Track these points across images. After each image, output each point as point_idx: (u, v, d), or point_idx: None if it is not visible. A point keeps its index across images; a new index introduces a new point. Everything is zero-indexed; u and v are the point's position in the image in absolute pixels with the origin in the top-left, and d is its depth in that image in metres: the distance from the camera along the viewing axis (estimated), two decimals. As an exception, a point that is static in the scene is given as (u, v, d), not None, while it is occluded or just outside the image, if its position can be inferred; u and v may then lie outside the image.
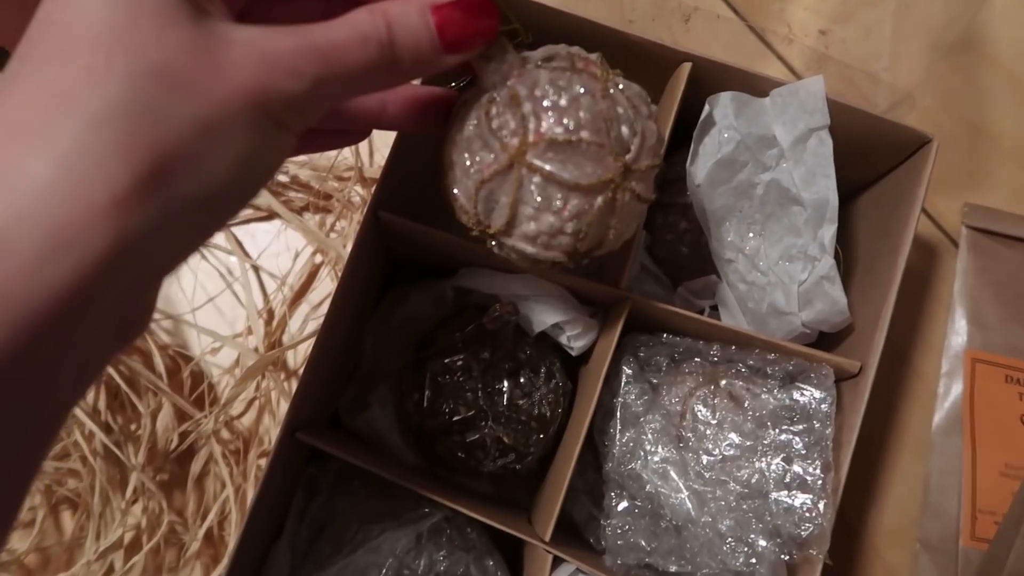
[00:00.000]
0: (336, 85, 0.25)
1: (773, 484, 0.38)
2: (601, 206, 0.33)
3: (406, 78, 0.28)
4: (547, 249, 0.34)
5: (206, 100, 0.22)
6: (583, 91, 0.32)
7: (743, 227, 0.44)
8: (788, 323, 0.43)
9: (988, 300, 0.52)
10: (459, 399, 0.44)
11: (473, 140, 0.32)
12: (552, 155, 0.31)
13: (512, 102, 0.32)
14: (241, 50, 0.23)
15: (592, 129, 0.31)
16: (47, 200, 0.19)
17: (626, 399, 0.41)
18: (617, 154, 0.32)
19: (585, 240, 0.33)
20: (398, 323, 0.49)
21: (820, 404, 0.39)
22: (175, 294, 0.54)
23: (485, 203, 0.33)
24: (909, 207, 0.42)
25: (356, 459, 0.41)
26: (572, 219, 0.32)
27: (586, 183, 0.32)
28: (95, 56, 0.20)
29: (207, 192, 0.22)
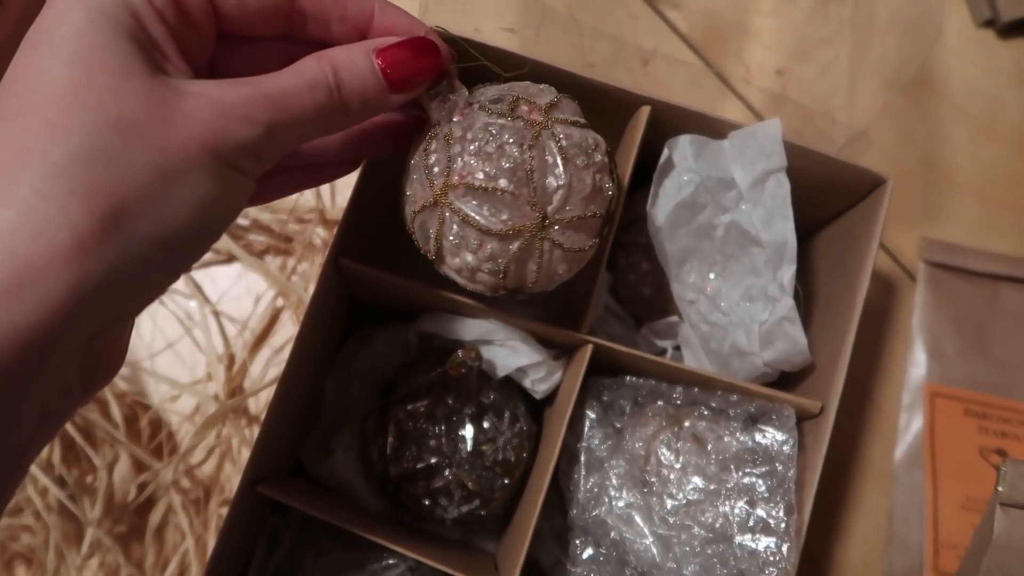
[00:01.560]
0: (288, 130, 0.26)
1: (737, 528, 0.38)
2: (516, 252, 0.34)
3: (355, 119, 0.29)
4: (472, 282, 0.35)
5: (162, 148, 0.23)
6: (511, 140, 0.32)
7: (704, 268, 0.45)
8: (750, 363, 0.43)
9: (947, 334, 0.53)
10: (423, 446, 0.44)
11: (413, 171, 0.34)
12: (470, 199, 0.33)
13: (446, 141, 0.33)
14: (195, 101, 0.24)
15: (510, 179, 0.32)
16: (9, 243, 0.20)
17: (590, 443, 0.41)
18: (534, 204, 0.33)
19: (508, 280, 0.35)
20: (361, 368, 0.48)
21: (782, 446, 0.39)
22: (133, 341, 0.53)
23: (421, 231, 0.35)
24: (866, 247, 0.43)
25: (318, 511, 0.40)
26: (488, 260, 0.34)
27: (497, 230, 0.33)
28: (55, 112, 0.22)
29: (167, 234, 0.23)
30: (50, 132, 0.21)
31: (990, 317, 0.53)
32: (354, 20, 0.30)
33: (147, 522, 0.49)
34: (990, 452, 0.50)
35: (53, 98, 0.22)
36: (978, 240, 0.56)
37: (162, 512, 0.48)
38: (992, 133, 0.59)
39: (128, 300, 0.24)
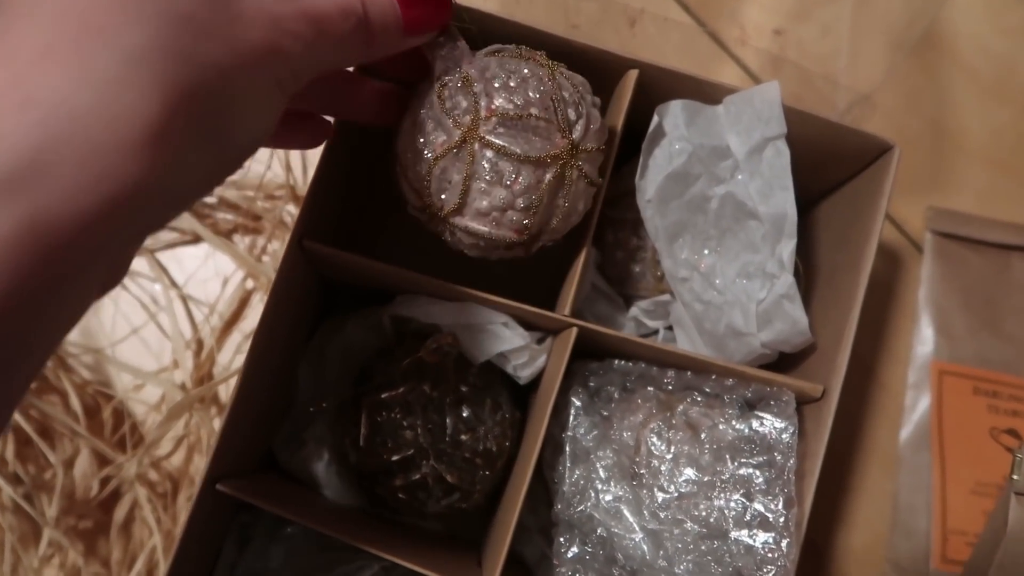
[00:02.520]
0: (324, 51, 0.27)
1: (732, 523, 0.35)
2: (551, 181, 0.34)
3: (375, 55, 0.30)
4: (498, 227, 0.35)
5: (229, 51, 0.23)
6: (530, 73, 0.35)
7: (698, 244, 0.42)
8: (747, 344, 0.41)
9: (955, 308, 0.50)
10: (398, 437, 0.41)
11: (426, 123, 0.34)
12: (503, 130, 0.34)
13: (464, 84, 0.34)
14: (253, 9, 0.24)
15: (540, 106, 0.34)
16: (86, 127, 0.19)
17: (575, 433, 0.38)
18: (564, 132, 0.34)
19: (536, 217, 0.35)
20: (334, 354, 0.45)
21: (781, 434, 0.36)
22: (94, 326, 0.50)
23: (438, 183, 0.35)
24: (871, 219, 0.40)
25: (287, 511, 0.37)
26: (523, 193, 0.34)
27: (536, 156, 0.34)
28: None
29: (222, 141, 0.23)
30: (124, 14, 0.21)
31: (1001, 290, 0.50)
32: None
33: (112, 518, 0.46)
34: (1001, 433, 0.48)
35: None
36: (988, 209, 0.53)
37: (127, 507, 0.46)
38: (1003, 96, 0.56)
39: (172, 204, 0.23)
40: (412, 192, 0.36)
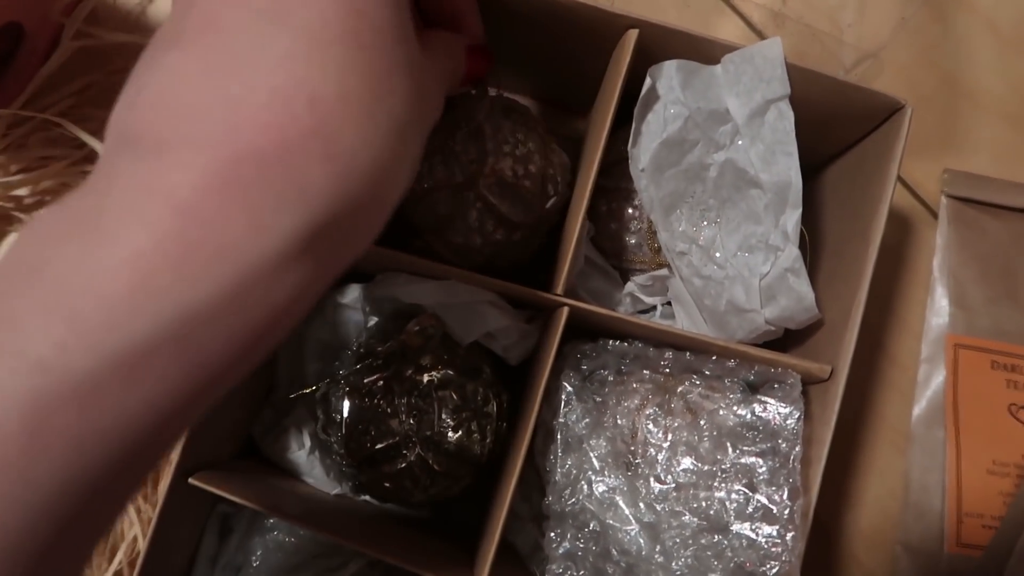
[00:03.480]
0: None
1: (734, 515, 0.33)
2: (518, 240, 0.39)
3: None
4: (463, 258, 0.39)
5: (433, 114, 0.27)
6: (534, 149, 0.38)
7: (696, 215, 0.39)
8: (750, 321, 0.38)
9: (972, 278, 0.47)
10: (382, 425, 0.39)
11: (435, 154, 0.37)
12: (498, 190, 0.37)
13: (478, 135, 0.37)
14: (433, 83, 0.27)
15: (532, 181, 0.38)
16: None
17: (567, 420, 0.36)
18: (541, 206, 0.39)
19: (499, 262, 0.39)
20: (314, 336, 0.43)
21: (786, 420, 0.34)
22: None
23: (426, 208, 0.37)
24: (881, 184, 0.37)
25: (263, 506, 0.35)
26: (492, 244, 0.38)
27: (516, 220, 0.38)
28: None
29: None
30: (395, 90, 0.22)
31: (1020, 258, 0.47)
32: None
33: (91, 509, 0.44)
34: (1020, 409, 0.45)
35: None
36: (1007, 171, 0.50)
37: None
38: (1023, 49, 0.52)
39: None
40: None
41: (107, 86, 0.49)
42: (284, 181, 0.19)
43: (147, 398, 0.18)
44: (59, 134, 0.47)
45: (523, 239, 0.39)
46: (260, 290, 0.19)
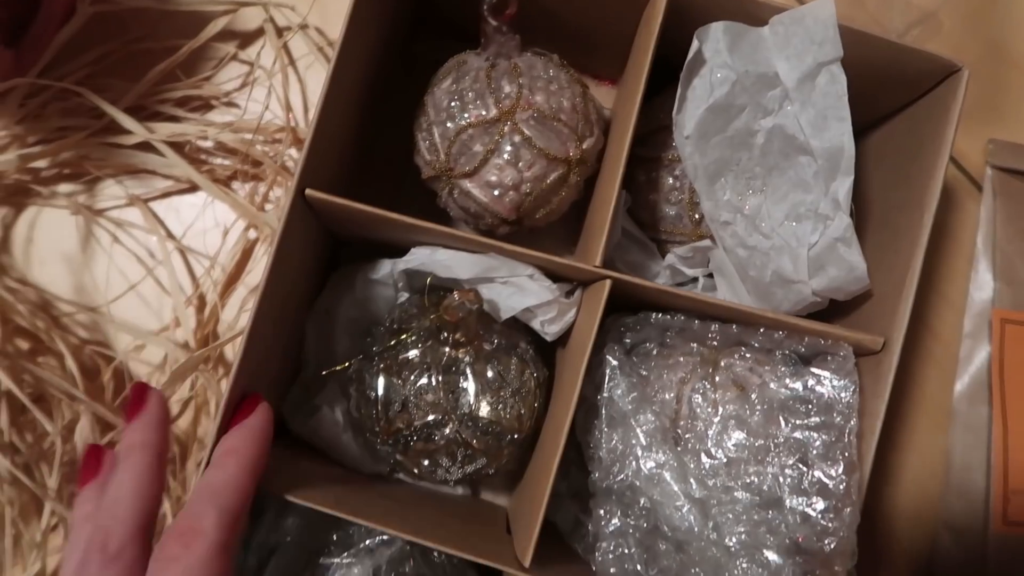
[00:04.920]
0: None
1: (788, 490, 0.32)
2: (555, 179, 0.38)
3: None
4: (497, 201, 0.38)
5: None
6: (567, 86, 0.39)
7: (741, 183, 0.38)
8: (796, 292, 0.37)
9: (1019, 251, 0.46)
10: (418, 401, 0.38)
11: (467, 92, 0.38)
12: (534, 123, 0.37)
13: (513, 72, 0.38)
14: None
15: (568, 115, 0.38)
16: None
17: (612, 395, 0.35)
18: (578, 143, 0.38)
19: (530, 204, 0.39)
20: (344, 313, 0.42)
21: (840, 393, 0.33)
22: (88, 283, 0.47)
23: (460, 147, 0.38)
24: (934, 151, 0.36)
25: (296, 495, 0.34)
26: (531, 180, 0.38)
27: (552, 154, 0.38)
28: None
29: None
30: None
31: (1068, 230, 0.46)
32: None
33: (117, 487, 0.43)
34: (1068, 385, 0.44)
35: None
36: (1054, 141, 0.49)
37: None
38: (1070, 16, 0.51)
39: None
40: (430, 146, 0.39)
41: (124, 55, 0.47)
42: None
43: None
44: (77, 104, 0.46)
45: (559, 180, 0.38)
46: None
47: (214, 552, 0.28)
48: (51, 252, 0.47)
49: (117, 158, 0.46)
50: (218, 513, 0.29)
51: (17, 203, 0.47)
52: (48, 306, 0.46)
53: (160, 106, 0.46)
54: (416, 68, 0.42)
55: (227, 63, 0.48)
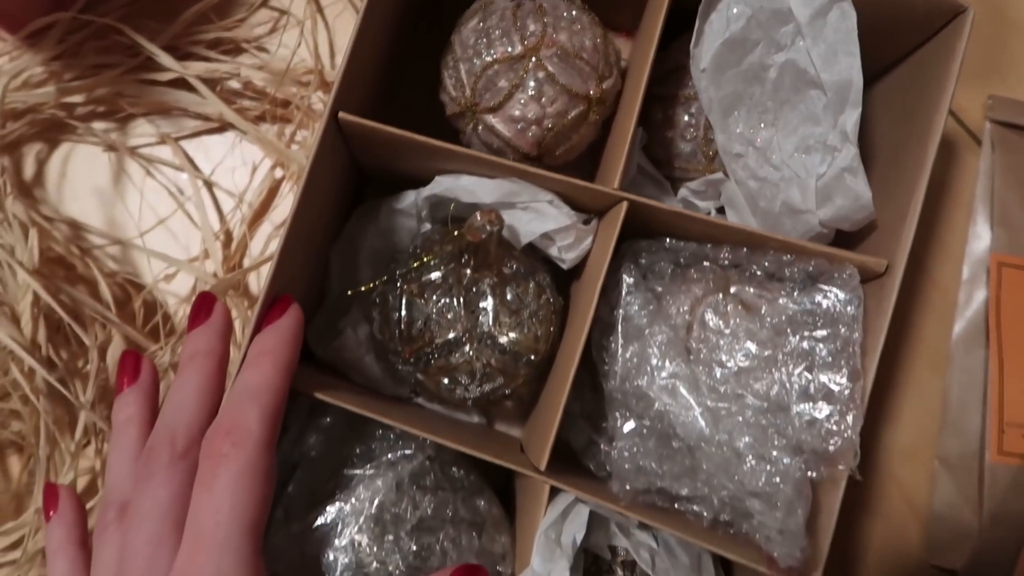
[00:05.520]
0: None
1: (795, 396, 0.34)
2: (576, 116, 0.40)
3: None
4: (520, 136, 0.40)
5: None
6: (589, 27, 0.41)
7: (753, 117, 0.39)
8: (804, 223, 0.39)
9: (1016, 200, 0.48)
10: (440, 321, 0.39)
11: (493, 30, 0.40)
12: (557, 60, 0.39)
13: (538, 12, 0.40)
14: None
15: (590, 54, 0.40)
16: None
17: (627, 311, 0.37)
18: (599, 82, 0.40)
19: (551, 139, 0.41)
20: (368, 243, 0.44)
21: (846, 306, 0.35)
22: (121, 215, 0.48)
23: (486, 82, 0.40)
24: (939, 87, 0.38)
25: (325, 395, 0.36)
26: (553, 116, 0.40)
27: (574, 91, 0.40)
28: None
29: None
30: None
31: (1064, 181, 0.48)
32: None
33: (145, 409, 0.45)
34: (1061, 325, 0.46)
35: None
36: (1051, 99, 0.51)
37: (161, 397, 0.45)
38: (1069, -21, 0.53)
39: None
40: (456, 82, 0.41)
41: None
42: None
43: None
44: (113, 42, 0.47)
45: (579, 117, 0.40)
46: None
47: (260, 449, 0.30)
48: (83, 187, 0.49)
49: (151, 96, 0.47)
50: (260, 411, 0.31)
51: (51, 139, 0.49)
52: (80, 239, 0.48)
53: (192, 47, 0.48)
54: (442, 12, 0.44)
55: (258, 8, 0.50)
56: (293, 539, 0.37)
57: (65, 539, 0.34)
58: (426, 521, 0.38)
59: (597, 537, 0.38)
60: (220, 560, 0.28)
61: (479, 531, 0.39)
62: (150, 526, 0.29)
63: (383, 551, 0.37)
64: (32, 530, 0.42)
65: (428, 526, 0.38)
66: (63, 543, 0.34)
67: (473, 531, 0.39)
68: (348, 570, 0.36)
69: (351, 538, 0.37)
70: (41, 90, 0.46)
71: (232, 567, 0.28)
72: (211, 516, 0.28)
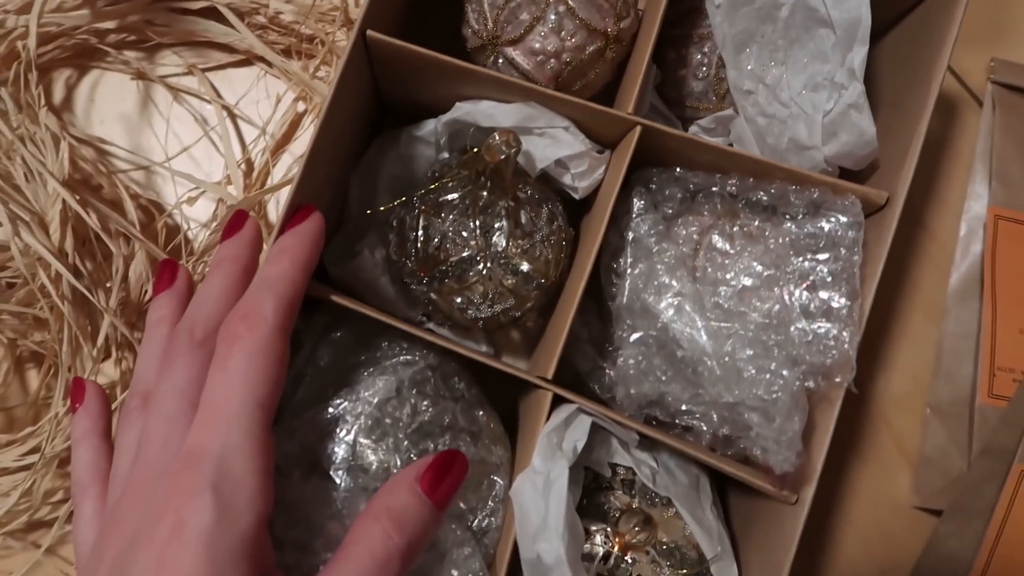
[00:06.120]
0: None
1: (796, 313, 0.35)
2: (593, 52, 0.42)
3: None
4: (538, 69, 0.42)
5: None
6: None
7: (764, 54, 0.41)
8: (809, 159, 0.40)
9: (1015, 157, 0.49)
10: (455, 240, 0.41)
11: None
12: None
13: None
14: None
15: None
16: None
17: (636, 232, 0.38)
18: (617, 20, 0.42)
19: (569, 74, 0.42)
20: (387, 169, 0.45)
21: (847, 230, 0.36)
22: (147, 141, 0.50)
23: (508, 15, 0.41)
24: (943, 32, 0.39)
25: (340, 299, 0.37)
26: (571, 50, 0.41)
27: (593, 26, 0.41)
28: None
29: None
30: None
31: (1062, 142, 0.50)
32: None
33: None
34: (1053, 276, 0.48)
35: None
36: (1053, 63, 0.52)
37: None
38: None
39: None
40: (478, 15, 0.42)
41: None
42: None
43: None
44: (146, -29, 0.49)
45: (596, 54, 0.42)
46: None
47: (274, 334, 0.31)
48: (111, 113, 0.50)
49: (180, 24, 0.49)
50: (276, 300, 0.32)
51: (81, 65, 0.50)
52: (106, 162, 0.49)
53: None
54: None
55: (285, -54, 0.51)
56: (292, 432, 0.38)
57: (90, 429, 0.35)
58: (424, 426, 0.39)
59: (598, 454, 0.40)
60: (228, 432, 0.29)
61: (476, 440, 0.41)
62: (167, 406, 0.31)
63: (380, 451, 0.38)
64: (49, 436, 0.44)
65: (426, 431, 0.39)
66: (87, 432, 0.35)
67: (470, 438, 0.40)
68: (345, 463, 0.37)
69: (352, 436, 0.38)
70: (75, 13, 0.47)
71: (240, 439, 0.29)
72: (222, 392, 0.30)
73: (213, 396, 0.30)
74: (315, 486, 0.38)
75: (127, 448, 0.32)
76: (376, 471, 0.38)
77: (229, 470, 0.28)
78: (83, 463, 0.34)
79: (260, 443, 0.30)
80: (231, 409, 0.29)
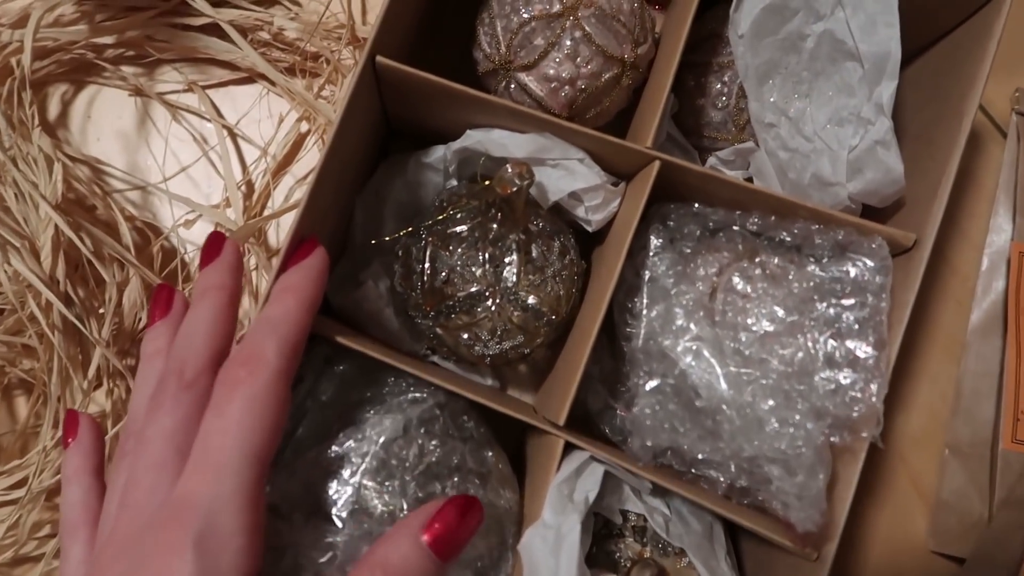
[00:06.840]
0: None
1: (820, 362, 0.34)
2: (609, 79, 0.40)
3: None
4: (552, 96, 0.40)
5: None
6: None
7: (788, 86, 0.39)
8: (833, 195, 0.39)
9: (1039, 190, 0.48)
10: (463, 273, 0.39)
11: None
12: (595, 21, 0.39)
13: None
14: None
15: (627, 17, 0.40)
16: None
17: (654, 271, 0.37)
18: (634, 47, 0.40)
19: (582, 101, 0.40)
20: (394, 195, 0.44)
21: (874, 275, 0.34)
22: (144, 160, 0.48)
23: (522, 40, 0.40)
24: (976, 65, 0.38)
25: (345, 339, 0.36)
26: (586, 77, 0.40)
27: (610, 52, 0.40)
28: None
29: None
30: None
31: (1088, 176, 0.48)
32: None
33: (159, 354, 0.45)
34: (1080, 316, 0.46)
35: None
36: (1078, 94, 0.51)
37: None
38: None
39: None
40: (491, 39, 0.41)
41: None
42: None
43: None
44: (146, -14, 0.47)
45: (612, 81, 0.40)
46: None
47: (276, 378, 0.30)
48: (107, 130, 0.49)
49: (181, 41, 0.47)
50: (278, 343, 0.31)
51: (78, 80, 0.49)
52: (101, 181, 0.48)
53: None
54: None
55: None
56: (295, 472, 0.37)
57: (81, 467, 0.34)
58: (432, 468, 0.38)
59: (609, 501, 0.38)
60: (219, 482, 0.27)
61: (484, 482, 0.39)
62: (153, 451, 0.29)
63: (386, 493, 0.37)
64: (37, 469, 0.42)
65: (434, 472, 0.38)
66: (79, 471, 0.34)
67: (479, 480, 0.39)
68: (348, 506, 0.36)
69: (356, 478, 0.36)
70: (72, 28, 0.46)
71: (231, 490, 0.27)
72: (217, 439, 0.28)
73: (207, 442, 0.28)
74: (315, 529, 0.36)
75: (119, 490, 0.31)
76: (381, 515, 0.37)
77: (216, 525, 0.27)
78: (73, 502, 0.33)
79: (251, 496, 0.28)
80: (224, 457, 0.28)
